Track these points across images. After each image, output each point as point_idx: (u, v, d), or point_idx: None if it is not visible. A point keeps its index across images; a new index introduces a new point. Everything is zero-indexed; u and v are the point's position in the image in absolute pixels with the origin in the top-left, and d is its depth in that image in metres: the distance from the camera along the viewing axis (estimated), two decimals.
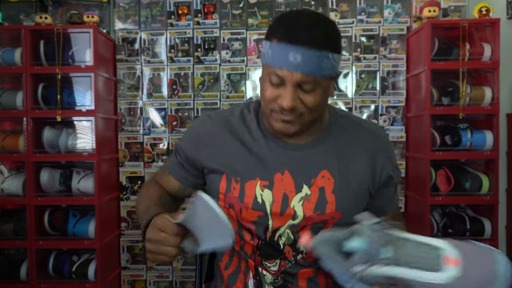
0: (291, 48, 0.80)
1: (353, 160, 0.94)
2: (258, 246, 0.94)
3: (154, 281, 2.35)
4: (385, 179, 0.96)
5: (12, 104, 2.07)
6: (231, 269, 0.99)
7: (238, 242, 0.96)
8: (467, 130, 2.03)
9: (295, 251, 0.92)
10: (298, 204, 0.90)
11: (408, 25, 2.27)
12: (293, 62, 0.80)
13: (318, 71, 0.81)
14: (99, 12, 2.31)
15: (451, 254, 0.65)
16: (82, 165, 2.18)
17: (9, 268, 2.08)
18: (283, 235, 0.92)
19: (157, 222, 0.78)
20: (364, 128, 0.98)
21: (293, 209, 0.90)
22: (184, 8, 2.33)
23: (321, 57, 0.80)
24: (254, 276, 0.95)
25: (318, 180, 0.91)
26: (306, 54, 0.79)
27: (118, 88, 2.36)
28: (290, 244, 0.92)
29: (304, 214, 0.90)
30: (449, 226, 2.06)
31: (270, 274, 0.94)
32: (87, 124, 2.10)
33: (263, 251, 0.93)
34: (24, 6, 2.32)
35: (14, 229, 2.07)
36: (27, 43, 2.01)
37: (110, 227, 2.23)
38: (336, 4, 2.30)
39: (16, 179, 2.09)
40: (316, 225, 0.91)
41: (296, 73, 0.80)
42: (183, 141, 1.03)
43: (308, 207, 0.90)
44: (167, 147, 2.34)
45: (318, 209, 0.90)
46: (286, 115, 0.85)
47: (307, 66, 0.80)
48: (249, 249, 0.95)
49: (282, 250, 0.92)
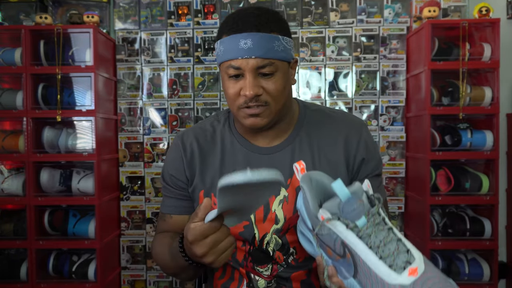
0: (240, 36, 0.81)
1: (326, 151, 0.92)
2: (250, 252, 0.93)
3: (154, 281, 2.35)
4: (359, 162, 0.92)
5: (12, 104, 2.07)
6: (226, 278, 0.99)
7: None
8: (467, 130, 2.03)
9: (285, 255, 0.92)
10: (278, 207, 0.90)
11: (408, 25, 2.27)
12: (244, 48, 0.81)
13: (272, 53, 0.82)
14: (99, 12, 2.31)
15: (419, 268, 0.63)
16: (82, 165, 2.18)
17: (9, 268, 2.08)
18: (270, 242, 0.91)
19: (192, 235, 0.69)
20: (336, 118, 0.96)
21: (274, 213, 0.90)
22: (184, 8, 2.33)
23: (271, 39, 0.82)
24: (247, 284, 0.95)
25: (294, 180, 0.91)
26: (255, 38, 0.81)
27: (118, 88, 2.36)
28: (279, 249, 0.92)
29: (284, 216, 0.90)
30: (449, 226, 2.06)
31: (263, 278, 0.94)
32: (87, 124, 2.10)
33: (254, 257, 0.93)
34: (24, 6, 2.32)
35: (14, 229, 2.07)
36: (27, 43, 2.01)
37: (110, 227, 2.23)
38: (336, 4, 2.30)
39: (16, 179, 2.09)
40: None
41: (251, 59, 0.81)
42: (166, 171, 0.98)
43: (287, 209, 0.90)
44: (167, 147, 2.34)
45: (296, 210, 0.89)
46: (253, 107, 0.84)
47: (260, 49, 0.81)
48: (241, 256, 0.95)
49: (273, 256, 0.92)
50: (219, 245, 0.69)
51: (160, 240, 0.94)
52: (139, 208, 2.35)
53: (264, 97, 0.84)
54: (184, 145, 0.97)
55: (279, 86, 0.85)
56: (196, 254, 0.70)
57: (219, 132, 0.97)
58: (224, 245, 0.70)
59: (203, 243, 0.69)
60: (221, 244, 0.70)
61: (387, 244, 0.64)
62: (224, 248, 0.70)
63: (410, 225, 2.24)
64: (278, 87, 0.85)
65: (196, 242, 0.69)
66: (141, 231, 2.35)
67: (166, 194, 1.00)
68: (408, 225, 2.27)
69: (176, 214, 0.97)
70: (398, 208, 2.29)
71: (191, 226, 0.69)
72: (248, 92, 0.82)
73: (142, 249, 2.36)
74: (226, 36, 0.84)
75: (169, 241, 0.89)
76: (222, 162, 0.94)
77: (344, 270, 0.69)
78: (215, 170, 0.94)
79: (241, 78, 0.84)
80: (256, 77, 0.83)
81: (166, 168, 0.99)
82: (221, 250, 0.70)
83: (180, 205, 0.97)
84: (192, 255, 0.72)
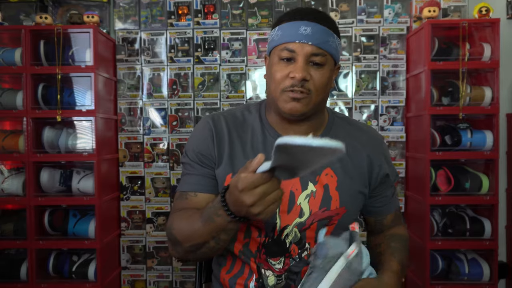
0: (301, 23, 0.87)
1: (352, 158, 0.96)
2: (264, 244, 0.94)
3: (154, 281, 2.35)
4: (382, 177, 1.00)
5: (12, 104, 2.07)
6: (233, 272, 0.99)
7: (242, 241, 0.96)
8: (467, 130, 2.03)
9: (300, 249, 0.94)
10: (304, 201, 0.92)
11: (408, 25, 2.27)
12: (303, 33, 0.86)
13: (327, 46, 0.88)
14: (99, 12, 2.31)
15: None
16: (82, 165, 2.18)
17: (9, 268, 2.08)
18: (290, 234, 0.93)
19: (244, 183, 0.69)
20: (361, 129, 1.03)
21: (299, 206, 0.92)
22: (184, 8, 2.33)
23: (328, 34, 0.88)
24: (256, 279, 0.95)
25: (322, 177, 0.93)
26: (315, 27, 0.87)
27: (118, 88, 2.36)
28: (296, 242, 0.93)
29: (310, 210, 0.92)
30: (449, 226, 2.06)
31: (274, 272, 0.94)
32: (87, 124, 2.10)
33: (268, 249, 0.94)
34: (24, 6, 2.32)
35: (14, 229, 2.07)
36: (27, 43, 2.01)
37: (110, 227, 2.24)
38: (336, 4, 2.30)
39: (16, 179, 2.09)
40: (322, 222, 0.93)
41: (307, 44, 0.86)
42: (192, 149, 0.97)
43: (314, 203, 0.92)
44: (167, 147, 2.34)
45: (324, 206, 0.92)
46: (296, 92, 0.87)
47: (317, 38, 0.86)
48: (254, 247, 0.95)
49: (288, 248, 0.93)
50: (268, 196, 0.70)
51: (183, 214, 0.90)
52: (139, 208, 2.35)
53: (309, 85, 0.88)
54: (216, 124, 0.97)
55: (324, 79, 0.89)
56: (245, 203, 0.70)
57: (250, 121, 0.99)
58: (273, 197, 0.70)
59: (253, 193, 0.69)
60: (270, 195, 0.70)
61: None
62: (273, 199, 0.70)
63: (410, 225, 2.24)
64: (324, 79, 0.89)
65: (246, 191, 0.69)
66: (141, 231, 2.35)
67: (190, 172, 0.97)
68: (408, 225, 2.27)
69: (202, 192, 0.94)
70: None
71: (242, 176, 0.70)
72: (298, 74, 0.86)
73: (142, 249, 2.36)
74: (286, 22, 0.89)
75: (197, 212, 0.87)
76: (252, 150, 0.95)
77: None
78: (244, 157, 0.94)
79: (292, 63, 0.88)
80: (307, 64, 0.87)
81: (192, 146, 0.97)
82: (270, 201, 0.70)
83: (206, 183, 0.95)
84: (239, 205, 0.72)
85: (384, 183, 1.01)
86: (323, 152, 0.58)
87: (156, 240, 2.34)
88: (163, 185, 2.34)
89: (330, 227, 0.94)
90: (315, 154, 0.59)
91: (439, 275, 2.06)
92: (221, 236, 0.81)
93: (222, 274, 1.01)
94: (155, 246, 2.35)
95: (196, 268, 1.21)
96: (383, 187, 1.02)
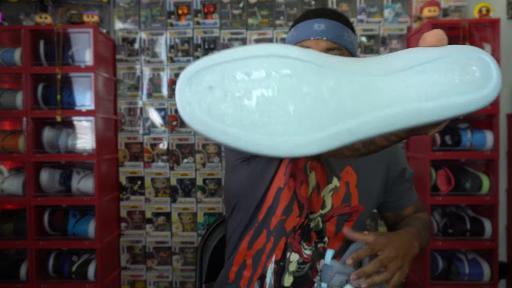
0: (315, 20, 0.88)
1: (370, 157, 0.93)
2: (302, 225, 0.92)
3: (154, 281, 2.35)
4: (399, 172, 1.01)
5: (12, 104, 2.07)
6: (254, 249, 0.95)
7: (279, 217, 0.92)
8: (467, 130, 2.03)
9: (319, 238, 0.94)
10: (328, 194, 0.93)
11: (408, 25, 2.27)
12: (317, 30, 0.87)
13: (342, 40, 0.87)
14: (99, 12, 2.30)
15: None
16: (82, 165, 2.18)
17: (9, 268, 2.08)
18: (314, 220, 0.94)
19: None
20: None
21: (322, 198, 0.93)
22: (184, 8, 2.33)
23: (342, 29, 0.88)
24: (277, 261, 0.92)
25: (343, 174, 0.95)
26: (329, 24, 0.87)
27: (118, 88, 2.36)
28: (318, 231, 0.94)
29: (332, 204, 0.93)
30: (449, 226, 2.06)
31: (302, 257, 0.92)
32: (87, 124, 2.10)
33: (304, 231, 0.92)
34: (24, 6, 2.32)
35: (14, 229, 2.07)
36: (27, 43, 2.01)
37: (110, 227, 2.23)
38: (336, 4, 2.30)
39: (16, 179, 2.08)
40: (342, 217, 0.94)
41: (322, 40, 0.86)
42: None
43: (336, 198, 0.93)
44: (167, 147, 2.34)
45: (345, 201, 0.94)
46: None
47: (331, 33, 0.87)
48: (290, 226, 0.92)
49: (310, 233, 0.93)
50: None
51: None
52: (139, 208, 2.35)
53: None
54: None
55: None
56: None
57: None
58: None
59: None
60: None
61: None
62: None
63: None
64: None
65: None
66: (141, 231, 2.35)
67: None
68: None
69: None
70: None
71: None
72: None
73: (142, 249, 2.36)
74: (301, 21, 0.90)
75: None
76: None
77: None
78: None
79: None
80: None
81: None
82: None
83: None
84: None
85: (401, 177, 1.02)
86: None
87: (156, 240, 2.34)
88: (163, 185, 2.34)
89: (349, 223, 0.95)
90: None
91: (439, 275, 2.06)
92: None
93: (241, 249, 0.96)
94: (155, 246, 2.35)
95: (196, 268, 1.21)
96: (400, 181, 1.02)
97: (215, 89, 0.41)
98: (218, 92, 0.40)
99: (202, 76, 0.41)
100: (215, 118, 0.40)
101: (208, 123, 0.40)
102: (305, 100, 0.41)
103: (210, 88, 0.41)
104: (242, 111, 0.40)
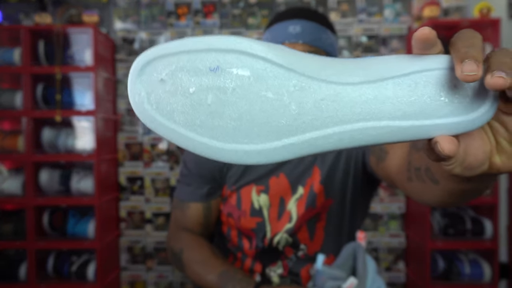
0: (290, 22, 0.80)
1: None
2: (257, 255, 0.91)
3: (154, 282, 2.35)
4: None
5: (11, 104, 2.06)
6: (237, 265, 0.97)
7: (238, 257, 0.94)
8: None
9: (295, 249, 0.90)
10: (293, 205, 0.88)
11: (408, 25, 2.27)
12: (293, 33, 0.79)
13: (320, 43, 0.80)
14: (99, 12, 2.30)
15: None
16: (81, 165, 2.17)
17: (8, 269, 2.07)
18: (281, 240, 0.89)
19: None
20: None
21: (289, 212, 0.88)
22: (184, 8, 2.33)
23: (320, 30, 0.81)
24: (260, 275, 0.93)
25: (309, 179, 0.89)
26: (305, 25, 0.79)
27: (118, 88, 2.35)
28: (290, 245, 0.90)
29: (298, 214, 0.88)
30: (449, 226, 2.06)
31: (278, 276, 0.92)
32: (87, 124, 2.10)
33: (263, 258, 0.91)
34: (23, 6, 2.31)
35: (13, 229, 2.07)
36: (26, 43, 2.00)
37: (109, 228, 2.23)
38: (336, 4, 2.29)
39: (15, 180, 2.08)
40: (311, 221, 0.89)
41: (298, 44, 0.79)
42: (188, 162, 0.95)
43: (300, 205, 0.88)
44: (166, 147, 2.33)
45: (309, 205, 0.87)
46: None
47: (308, 36, 0.79)
48: (249, 259, 0.93)
49: (282, 251, 0.91)
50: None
51: (199, 252, 0.88)
52: (139, 209, 2.34)
53: None
54: None
55: None
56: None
57: None
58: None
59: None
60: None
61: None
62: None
63: (411, 226, 2.23)
64: None
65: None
66: (140, 232, 2.35)
67: (185, 183, 0.97)
68: (408, 225, 2.26)
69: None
70: (398, 209, 2.28)
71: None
72: None
73: (142, 250, 2.35)
74: (274, 25, 0.83)
75: (215, 260, 0.85)
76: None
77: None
78: (226, 164, 0.90)
79: None
80: None
81: (187, 159, 0.97)
82: None
83: (203, 192, 0.96)
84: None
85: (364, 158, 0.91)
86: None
87: (156, 241, 2.34)
88: (163, 185, 2.34)
89: (320, 223, 0.90)
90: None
91: (439, 276, 2.05)
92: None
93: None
94: (154, 246, 2.34)
95: None
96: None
97: (167, 82, 0.36)
98: (169, 85, 0.36)
99: (156, 65, 0.36)
100: (163, 114, 0.36)
101: (156, 119, 0.36)
102: (263, 105, 0.36)
103: (161, 80, 0.36)
104: (193, 110, 0.36)
